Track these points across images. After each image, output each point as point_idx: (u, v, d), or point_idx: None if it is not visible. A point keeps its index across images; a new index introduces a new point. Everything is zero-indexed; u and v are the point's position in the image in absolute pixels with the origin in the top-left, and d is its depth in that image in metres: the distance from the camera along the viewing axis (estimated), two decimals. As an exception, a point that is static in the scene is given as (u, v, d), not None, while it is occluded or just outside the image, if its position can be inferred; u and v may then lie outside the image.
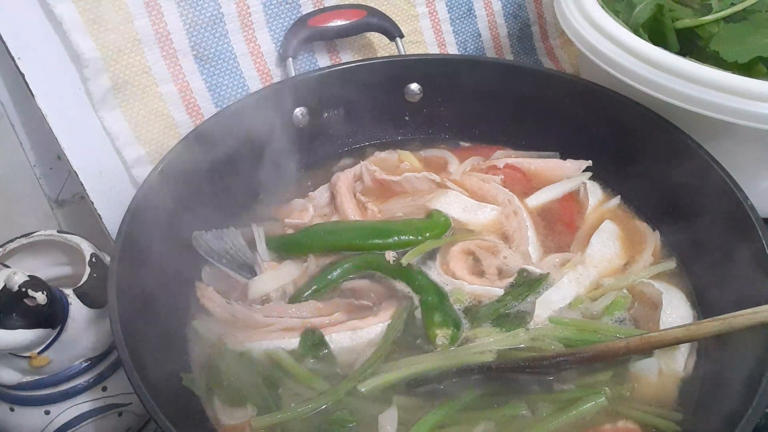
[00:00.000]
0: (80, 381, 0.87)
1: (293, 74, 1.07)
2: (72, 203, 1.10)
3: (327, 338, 0.82)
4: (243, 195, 1.02)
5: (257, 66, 1.09)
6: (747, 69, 0.95)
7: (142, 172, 0.95)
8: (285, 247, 0.95)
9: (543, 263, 0.92)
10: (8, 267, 0.82)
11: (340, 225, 0.98)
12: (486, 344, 0.81)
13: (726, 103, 0.88)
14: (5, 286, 0.76)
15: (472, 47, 1.32)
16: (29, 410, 0.86)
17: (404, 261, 0.91)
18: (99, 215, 0.98)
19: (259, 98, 1.00)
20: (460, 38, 1.30)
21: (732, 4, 1.04)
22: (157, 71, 1.00)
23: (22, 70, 0.90)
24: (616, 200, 1.02)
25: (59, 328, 0.82)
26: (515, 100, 1.07)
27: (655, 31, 1.03)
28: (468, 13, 1.29)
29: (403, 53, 1.13)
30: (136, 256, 0.79)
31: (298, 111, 1.04)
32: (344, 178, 1.03)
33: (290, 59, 1.07)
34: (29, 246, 0.88)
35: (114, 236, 0.82)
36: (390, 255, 0.92)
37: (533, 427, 0.75)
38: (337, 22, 1.09)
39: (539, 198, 1.01)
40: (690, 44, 1.04)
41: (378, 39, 1.19)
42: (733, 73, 0.90)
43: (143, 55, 0.98)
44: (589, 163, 1.04)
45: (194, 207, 0.92)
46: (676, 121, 0.94)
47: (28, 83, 0.90)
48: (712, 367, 0.80)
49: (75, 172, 0.96)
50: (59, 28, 0.90)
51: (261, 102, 1.00)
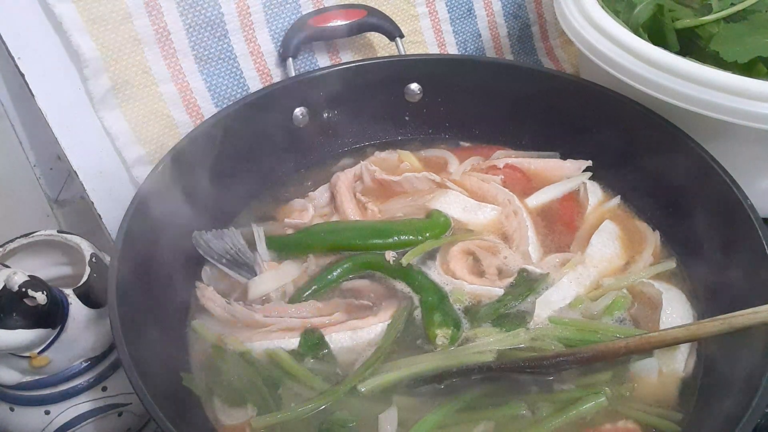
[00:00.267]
0: (80, 381, 0.87)
1: (293, 74, 1.07)
2: (72, 203, 1.10)
3: (327, 338, 0.83)
4: (243, 195, 1.02)
5: (257, 66, 1.09)
6: (747, 69, 0.95)
7: (142, 172, 0.95)
8: (285, 247, 0.95)
9: (543, 263, 0.92)
10: (8, 267, 0.82)
11: (340, 225, 0.98)
12: (486, 344, 0.81)
13: (726, 103, 0.88)
14: (5, 286, 0.76)
15: (472, 47, 1.32)
16: (29, 410, 0.86)
17: (404, 261, 0.91)
18: (99, 215, 0.98)
19: (259, 98, 1.00)
20: (460, 38, 1.30)
21: (732, 4, 1.04)
22: (157, 71, 1.00)
23: (22, 70, 0.90)
24: (616, 200, 1.02)
25: (59, 328, 0.82)
26: (515, 100, 1.07)
27: (655, 31, 1.03)
28: (468, 13, 1.29)
29: (403, 53, 1.13)
30: (136, 256, 0.79)
31: (298, 111, 1.05)
32: (344, 178, 1.03)
33: (290, 59, 1.07)
34: (29, 246, 0.88)
35: (114, 236, 0.82)
36: (390, 255, 0.92)
37: (533, 427, 0.75)
38: (337, 22, 1.09)
39: (539, 198, 1.01)
40: (690, 44, 1.04)
41: (378, 39, 1.18)
42: (733, 73, 0.90)
43: (143, 55, 0.98)
44: (589, 163, 1.04)
45: (194, 207, 0.92)
46: (676, 121, 0.94)
47: (28, 83, 0.90)
48: (712, 367, 0.80)
49: (75, 172, 0.96)
50: (59, 28, 0.90)
51: (261, 102, 1.00)
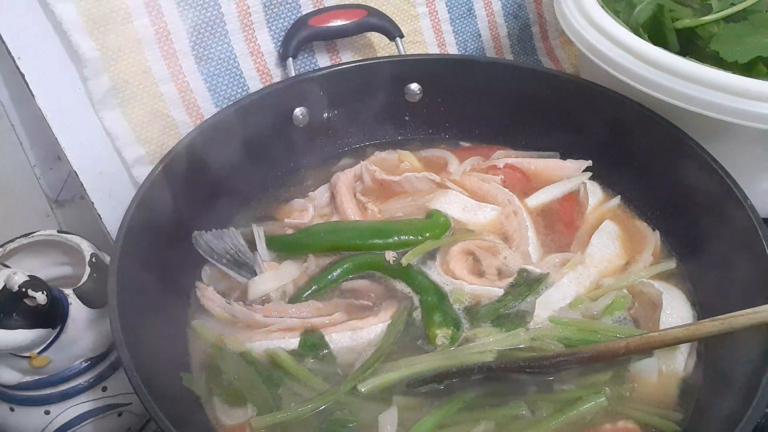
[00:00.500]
0: (80, 381, 0.87)
1: (293, 74, 1.07)
2: (72, 203, 1.10)
3: (327, 338, 0.83)
4: (243, 195, 1.02)
5: (257, 66, 1.09)
6: (747, 69, 0.95)
7: (142, 172, 0.95)
8: (285, 247, 0.95)
9: (543, 263, 0.92)
10: (8, 267, 0.82)
11: (340, 225, 0.98)
12: (486, 344, 0.81)
13: (726, 103, 0.88)
14: (5, 286, 0.76)
15: (472, 47, 1.32)
16: (29, 410, 0.86)
17: (404, 261, 0.91)
18: (99, 215, 0.99)
19: (259, 98, 1.00)
20: (460, 38, 1.30)
21: (732, 4, 1.04)
22: (157, 71, 1.00)
23: (22, 70, 0.90)
24: (616, 200, 1.02)
25: (59, 328, 0.82)
26: (515, 100, 1.07)
27: (655, 31, 1.03)
28: (468, 13, 1.29)
29: (403, 53, 1.13)
30: (136, 257, 0.79)
31: (298, 111, 1.05)
32: (344, 178, 1.03)
33: (290, 59, 1.07)
34: (29, 246, 0.88)
35: (114, 236, 0.82)
36: (390, 255, 0.92)
37: (533, 427, 0.75)
38: (337, 22, 1.09)
39: (539, 198, 1.01)
40: (690, 44, 1.04)
41: (378, 39, 1.18)
42: (733, 73, 0.90)
43: (143, 55, 0.98)
44: (589, 163, 1.04)
45: (194, 207, 0.92)
46: (676, 121, 0.94)
47: (28, 83, 0.90)
48: (712, 367, 0.80)
49: (75, 172, 0.96)
50: (59, 28, 0.90)
51: (261, 102, 1.00)
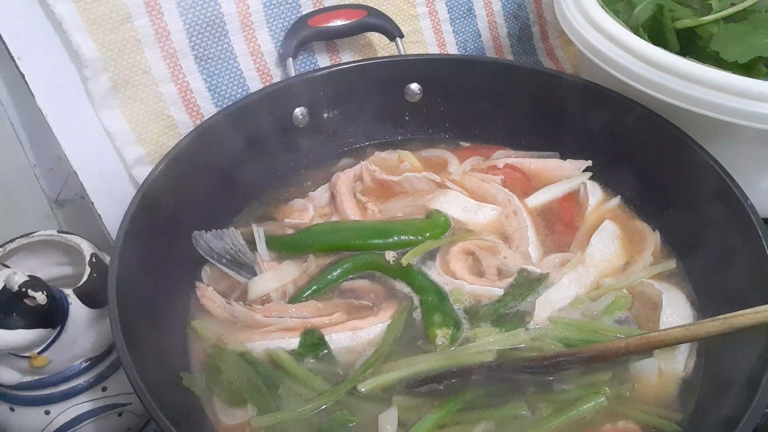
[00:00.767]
0: (80, 381, 0.87)
1: (293, 74, 1.07)
2: (72, 203, 1.10)
3: (327, 338, 0.83)
4: (243, 195, 1.02)
5: (257, 66, 1.09)
6: (747, 69, 0.95)
7: (142, 172, 0.95)
8: (285, 247, 0.95)
9: (543, 263, 0.92)
10: (8, 267, 0.82)
11: (340, 225, 0.98)
12: (486, 344, 0.81)
13: (726, 103, 0.88)
14: (5, 286, 0.76)
15: (472, 47, 1.32)
16: (29, 410, 0.86)
17: (404, 261, 0.91)
18: (99, 215, 0.99)
19: (259, 98, 1.00)
20: (460, 38, 1.30)
21: (732, 4, 1.04)
22: (157, 71, 1.00)
23: (22, 70, 0.89)
24: (616, 200, 1.02)
25: (59, 328, 0.82)
26: (515, 100, 1.07)
27: (655, 31, 1.03)
28: (468, 13, 1.29)
29: (403, 53, 1.13)
30: (136, 257, 0.79)
31: (298, 111, 1.04)
32: (344, 178, 1.03)
33: (290, 59, 1.07)
34: (29, 246, 0.88)
35: (114, 236, 0.82)
36: (390, 255, 0.92)
37: (533, 427, 0.75)
38: (337, 22, 1.09)
39: (539, 198, 1.01)
40: (690, 44, 1.04)
41: (378, 39, 1.18)
42: (733, 73, 0.90)
43: (143, 55, 0.98)
44: (589, 163, 1.04)
45: (194, 207, 0.92)
46: (676, 121, 0.94)
47: (28, 83, 0.90)
48: (712, 367, 0.80)
49: (75, 172, 0.96)
50: (59, 28, 0.90)
51: (261, 102, 1.00)
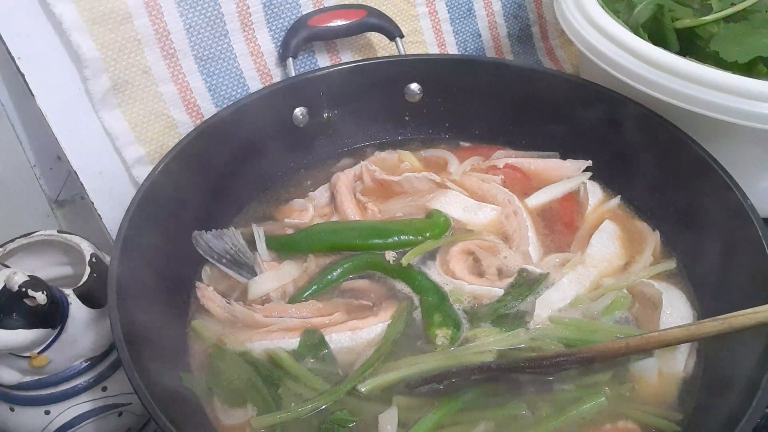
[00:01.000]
0: (80, 381, 0.87)
1: (293, 74, 1.07)
2: (72, 203, 1.10)
3: (327, 338, 0.82)
4: (243, 195, 1.02)
5: (257, 66, 1.09)
6: (747, 69, 0.95)
7: (142, 172, 0.95)
8: (285, 247, 0.95)
9: (543, 263, 0.92)
10: (8, 267, 0.82)
11: (340, 225, 0.98)
12: (486, 344, 0.81)
13: (726, 103, 0.88)
14: (5, 286, 0.76)
15: (472, 47, 1.32)
16: (29, 410, 0.86)
17: (404, 261, 0.91)
18: (99, 215, 0.99)
19: (259, 98, 1.00)
20: (460, 38, 1.30)
21: (732, 4, 1.04)
22: (157, 71, 1.00)
23: (22, 70, 0.90)
24: (616, 200, 1.02)
25: (59, 328, 0.82)
26: (515, 100, 1.07)
27: (655, 31, 1.03)
28: (468, 13, 1.29)
29: (403, 53, 1.13)
30: (136, 256, 0.79)
31: (298, 111, 1.05)
32: (344, 178, 1.03)
33: (290, 59, 1.07)
34: (29, 246, 0.88)
35: (114, 236, 0.82)
36: (390, 255, 0.92)
37: (533, 427, 0.75)
38: (337, 22, 1.09)
39: (539, 198, 1.01)
40: (690, 44, 1.04)
41: (378, 39, 1.18)
42: (733, 73, 0.90)
43: (143, 55, 0.98)
44: (589, 163, 1.04)
45: (194, 207, 0.92)
46: (676, 121, 0.94)
47: (28, 83, 0.90)
48: (712, 367, 0.80)
49: (75, 172, 0.96)
50: (59, 28, 0.90)
51: (261, 102, 1.00)
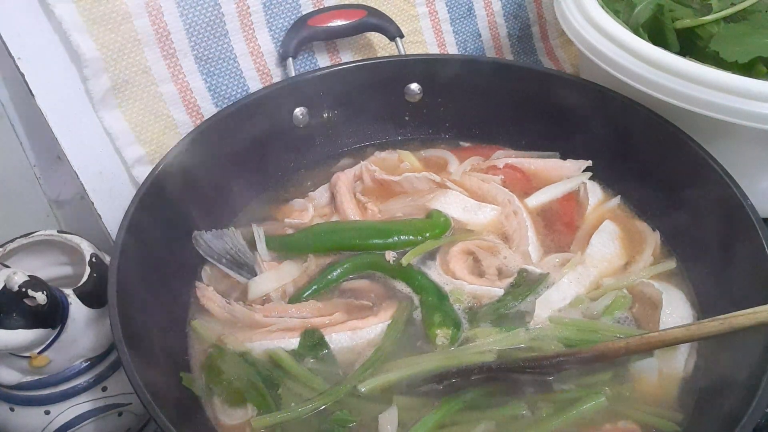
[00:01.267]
0: (80, 381, 0.87)
1: (293, 74, 1.07)
2: (72, 203, 1.10)
3: (327, 338, 0.83)
4: (243, 195, 1.02)
5: (257, 66, 1.09)
6: (747, 69, 0.95)
7: (142, 172, 0.95)
8: (285, 247, 0.95)
9: (543, 263, 0.92)
10: (8, 267, 0.82)
11: (340, 225, 0.98)
12: (486, 344, 0.81)
13: (726, 103, 0.88)
14: (5, 286, 0.76)
15: (472, 47, 1.32)
16: (29, 410, 0.86)
17: (404, 261, 0.91)
18: (99, 215, 0.98)
19: (259, 98, 1.00)
20: (460, 38, 1.30)
21: (732, 4, 1.04)
22: (157, 71, 1.00)
23: (22, 70, 0.89)
24: (616, 200, 1.02)
25: (59, 328, 0.82)
26: (515, 100, 1.07)
27: (655, 31, 1.03)
28: (468, 13, 1.29)
29: (403, 53, 1.13)
30: (136, 256, 0.79)
31: (298, 111, 1.05)
32: (344, 178, 1.03)
33: (290, 59, 1.07)
34: (29, 246, 0.88)
35: (114, 236, 0.82)
36: (390, 255, 0.92)
37: (533, 427, 0.75)
38: (337, 22, 1.09)
39: (539, 198, 1.01)
40: (690, 44, 1.04)
41: (378, 39, 1.18)
42: (733, 73, 0.90)
43: (143, 55, 0.98)
44: (589, 163, 1.04)
45: (194, 207, 0.92)
46: (676, 121, 0.94)
47: (28, 83, 0.90)
48: (712, 367, 0.80)
49: (75, 172, 0.96)
50: (59, 28, 0.90)
51: (261, 102, 1.00)
